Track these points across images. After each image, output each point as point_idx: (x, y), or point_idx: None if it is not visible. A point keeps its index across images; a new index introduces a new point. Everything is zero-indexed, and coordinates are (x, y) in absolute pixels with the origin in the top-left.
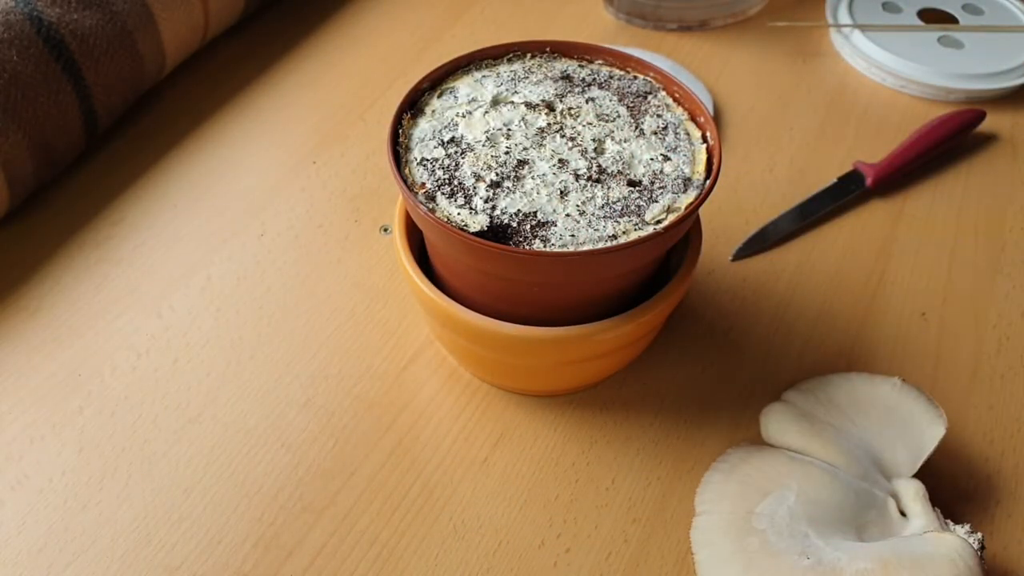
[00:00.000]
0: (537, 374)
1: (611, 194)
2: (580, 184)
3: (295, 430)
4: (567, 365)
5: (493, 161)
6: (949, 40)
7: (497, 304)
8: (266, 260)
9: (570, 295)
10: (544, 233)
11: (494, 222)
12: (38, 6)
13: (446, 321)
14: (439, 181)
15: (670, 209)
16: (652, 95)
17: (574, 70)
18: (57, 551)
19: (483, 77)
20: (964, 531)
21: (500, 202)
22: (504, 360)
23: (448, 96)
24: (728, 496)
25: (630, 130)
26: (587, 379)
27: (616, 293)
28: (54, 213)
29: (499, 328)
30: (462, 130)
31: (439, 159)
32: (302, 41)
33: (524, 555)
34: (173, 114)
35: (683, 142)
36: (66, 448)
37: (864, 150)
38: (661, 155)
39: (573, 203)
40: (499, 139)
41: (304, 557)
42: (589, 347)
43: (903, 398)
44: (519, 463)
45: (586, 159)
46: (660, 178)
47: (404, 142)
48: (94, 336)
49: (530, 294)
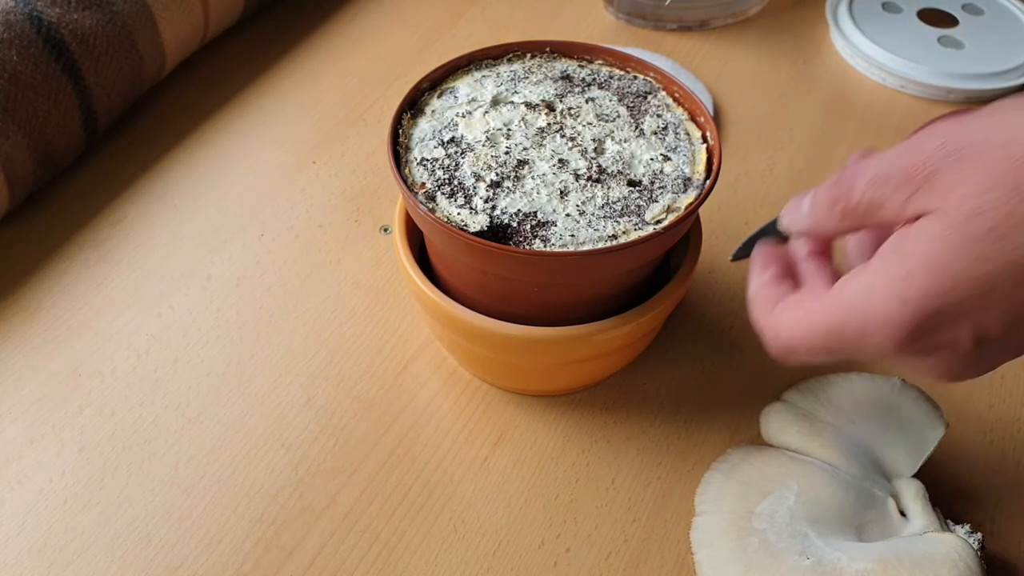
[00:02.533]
0: (537, 374)
1: (611, 194)
2: (580, 184)
3: (295, 430)
4: (567, 365)
5: (493, 161)
6: (949, 40)
7: (497, 304)
8: (266, 260)
9: (570, 295)
10: (544, 233)
11: (494, 222)
12: (38, 6)
13: (446, 321)
14: (439, 181)
15: (670, 209)
16: (652, 95)
17: (574, 70)
18: (57, 551)
19: (483, 77)
20: (964, 531)
21: (500, 202)
22: (504, 360)
23: (448, 96)
24: (728, 496)
25: (630, 130)
26: (587, 379)
27: (616, 293)
28: (54, 213)
29: (498, 328)
30: (462, 130)
31: (439, 159)
32: (302, 41)
33: (524, 555)
34: (173, 114)
35: (683, 142)
36: (66, 448)
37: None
38: (661, 155)
39: (573, 203)
40: (499, 139)
41: (304, 557)
42: (589, 347)
43: (903, 398)
44: (519, 463)
45: (586, 159)
46: (660, 178)
47: (404, 142)
48: (94, 336)
49: (530, 294)
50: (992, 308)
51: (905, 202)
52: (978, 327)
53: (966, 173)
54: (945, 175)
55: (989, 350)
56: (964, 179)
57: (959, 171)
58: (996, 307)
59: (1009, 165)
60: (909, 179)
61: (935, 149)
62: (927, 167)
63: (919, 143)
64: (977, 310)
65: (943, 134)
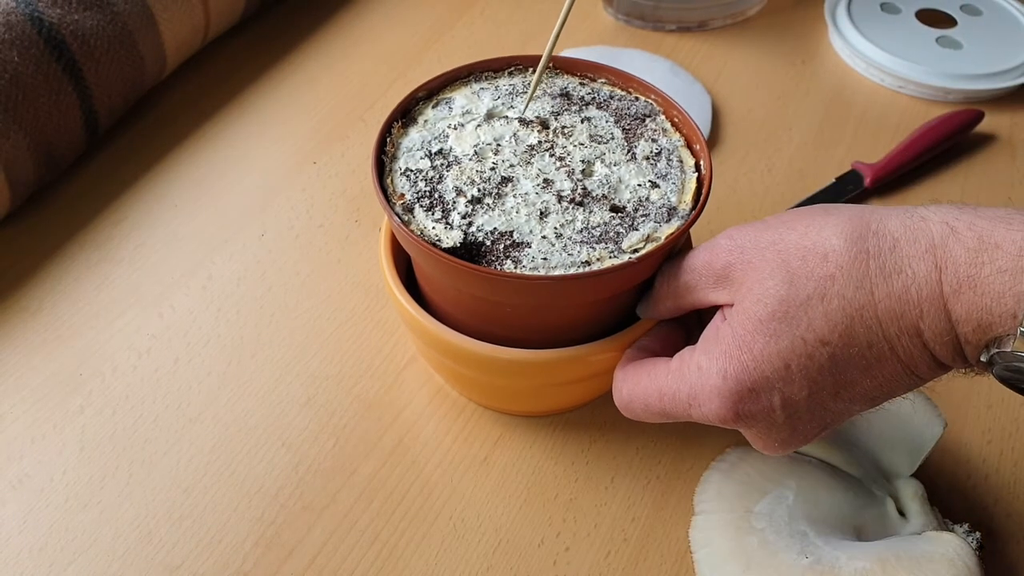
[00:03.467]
0: (518, 395)
1: (592, 218)
2: (562, 206)
3: (295, 429)
4: (548, 387)
5: (477, 176)
6: (947, 40)
7: (476, 323)
8: (267, 260)
9: (546, 318)
10: (516, 254)
11: (468, 239)
12: (39, 7)
13: (424, 337)
14: (419, 193)
15: (649, 238)
16: (651, 118)
17: (574, 87)
18: (58, 550)
19: (481, 89)
20: (963, 530)
21: (477, 219)
22: (482, 379)
23: (443, 107)
24: (727, 495)
25: (622, 153)
26: (571, 402)
27: (600, 316)
28: (55, 213)
29: (471, 347)
30: (451, 142)
31: (423, 170)
32: (302, 42)
33: (524, 554)
34: (174, 114)
35: (675, 169)
36: (67, 447)
37: (862, 150)
38: (649, 181)
39: (551, 225)
40: (487, 154)
41: (304, 556)
42: (564, 370)
43: (902, 398)
44: (518, 462)
45: (572, 180)
46: (644, 205)
47: (391, 151)
48: (95, 336)
49: (503, 314)
50: (793, 381)
51: (709, 289)
52: (785, 398)
53: (749, 267)
54: (736, 269)
55: (800, 422)
56: (748, 273)
57: (745, 266)
58: (796, 379)
59: (779, 258)
60: (709, 270)
61: (728, 249)
62: (721, 260)
63: (718, 242)
64: (782, 383)
65: (734, 236)
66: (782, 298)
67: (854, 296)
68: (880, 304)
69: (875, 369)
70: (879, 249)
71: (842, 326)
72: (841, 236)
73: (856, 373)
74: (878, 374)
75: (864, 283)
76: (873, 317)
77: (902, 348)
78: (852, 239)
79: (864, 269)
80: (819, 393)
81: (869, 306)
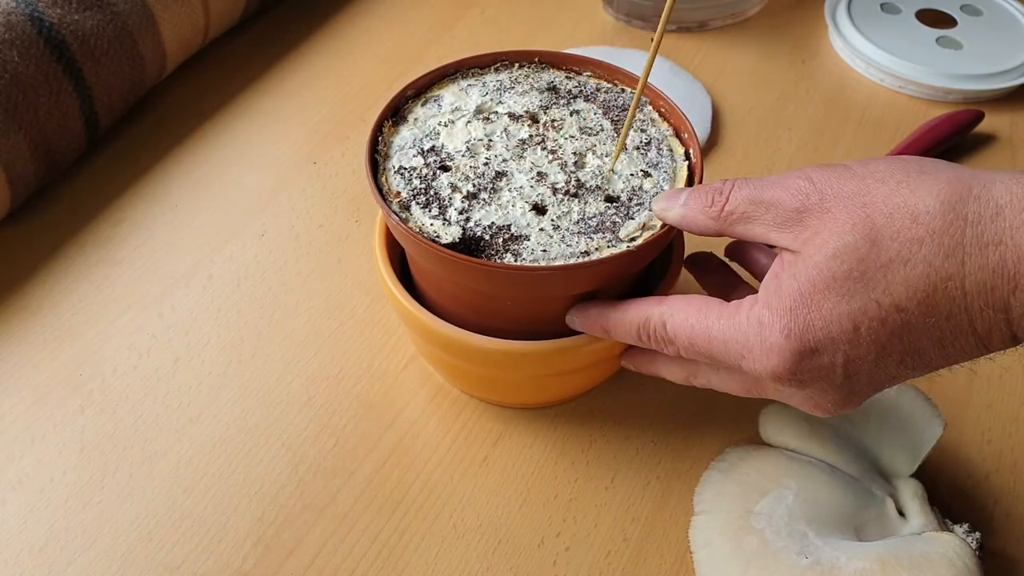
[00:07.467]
0: (516, 387)
1: (587, 209)
2: (557, 198)
3: (296, 429)
4: (546, 378)
5: (471, 172)
6: (947, 40)
7: (474, 317)
8: (267, 260)
9: (545, 309)
10: (516, 247)
11: (467, 234)
12: (39, 7)
13: (426, 334)
14: (415, 190)
15: (645, 227)
16: (639, 109)
17: (561, 81)
18: (58, 550)
19: (469, 86)
20: (962, 530)
21: (475, 214)
22: (482, 373)
23: (432, 104)
24: (727, 495)
25: (612, 144)
26: (571, 391)
27: None
28: (55, 213)
29: (470, 340)
30: (443, 139)
31: (417, 168)
32: (302, 42)
33: (524, 553)
34: (174, 114)
35: (665, 158)
36: (67, 447)
37: (862, 150)
38: (641, 171)
39: (548, 218)
40: (479, 150)
41: (305, 556)
42: (564, 360)
43: (901, 397)
44: (518, 462)
45: (565, 173)
46: (638, 195)
47: (384, 150)
48: (95, 336)
49: (503, 307)
50: (861, 344)
51: (772, 227)
52: (848, 359)
53: (828, 216)
54: (812, 216)
55: (858, 384)
56: (826, 223)
57: (823, 214)
58: (864, 342)
59: (863, 212)
60: (779, 208)
61: (807, 192)
62: (795, 202)
63: (793, 180)
64: (848, 344)
65: (814, 179)
66: (862, 257)
67: (942, 265)
68: (970, 277)
69: (947, 341)
70: (979, 216)
71: (922, 294)
72: (938, 198)
73: (927, 343)
74: (949, 345)
75: (956, 252)
76: (959, 289)
77: (982, 322)
78: (949, 203)
79: (958, 238)
80: (885, 359)
81: (957, 277)
